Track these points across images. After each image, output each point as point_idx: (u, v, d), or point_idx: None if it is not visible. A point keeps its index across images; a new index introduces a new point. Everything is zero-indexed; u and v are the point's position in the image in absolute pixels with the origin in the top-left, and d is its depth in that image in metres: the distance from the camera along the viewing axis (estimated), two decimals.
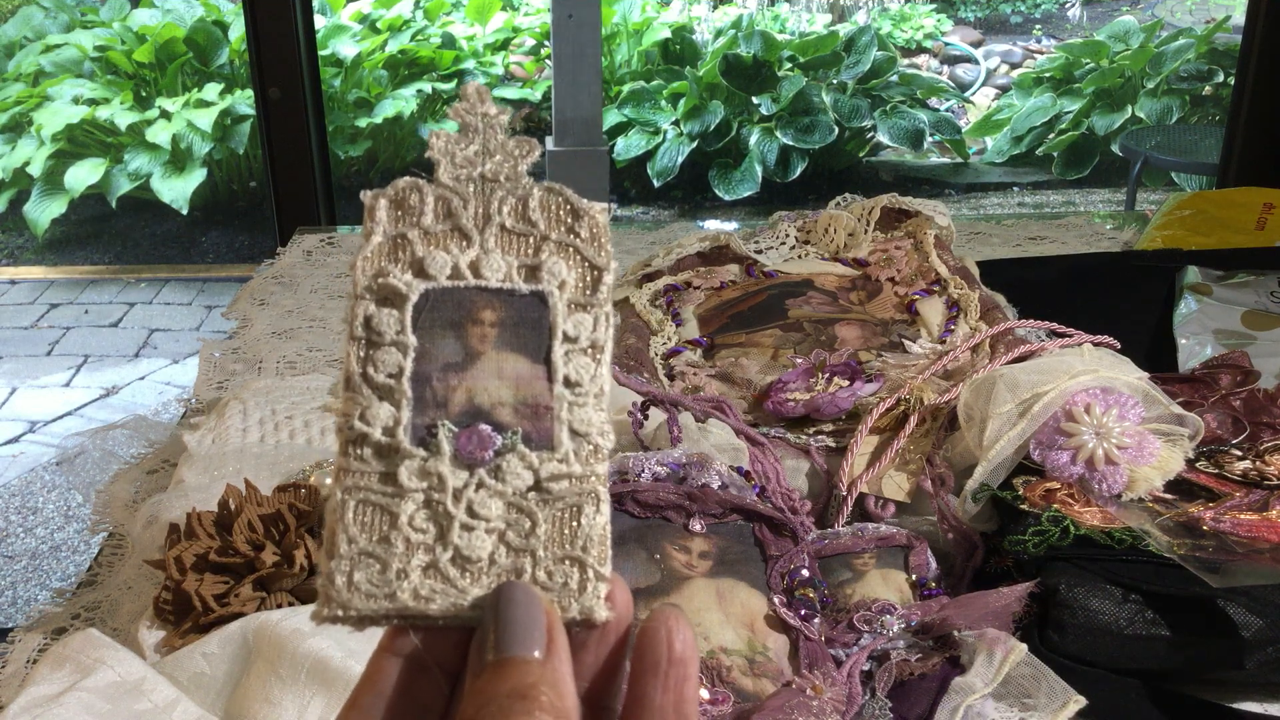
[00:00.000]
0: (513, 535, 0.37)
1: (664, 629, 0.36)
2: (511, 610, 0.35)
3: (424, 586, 0.37)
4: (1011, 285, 1.28)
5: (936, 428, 0.97)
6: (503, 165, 0.39)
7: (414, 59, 5.07)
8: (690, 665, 0.36)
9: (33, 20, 5.04)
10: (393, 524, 0.37)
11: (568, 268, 0.39)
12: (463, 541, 0.37)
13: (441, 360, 0.38)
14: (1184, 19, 6.19)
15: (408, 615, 0.37)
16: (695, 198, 5.02)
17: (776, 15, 5.99)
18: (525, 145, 0.40)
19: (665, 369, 1.13)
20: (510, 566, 0.37)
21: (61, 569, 2.75)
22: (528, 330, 0.38)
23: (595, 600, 0.37)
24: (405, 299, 0.38)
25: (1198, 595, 0.78)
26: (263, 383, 1.18)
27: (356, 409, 0.38)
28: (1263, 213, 1.51)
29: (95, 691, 0.73)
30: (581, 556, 0.37)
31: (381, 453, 0.38)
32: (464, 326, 0.38)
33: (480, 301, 0.38)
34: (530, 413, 0.38)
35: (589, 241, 0.39)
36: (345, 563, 0.37)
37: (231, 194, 4.93)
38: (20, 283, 4.44)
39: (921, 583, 0.86)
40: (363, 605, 0.37)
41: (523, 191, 0.39)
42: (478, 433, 0.38)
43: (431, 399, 0.38)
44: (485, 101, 0.40)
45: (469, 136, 0.39)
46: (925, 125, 4.94)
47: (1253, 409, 0.98)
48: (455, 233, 0.39)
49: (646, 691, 0.36)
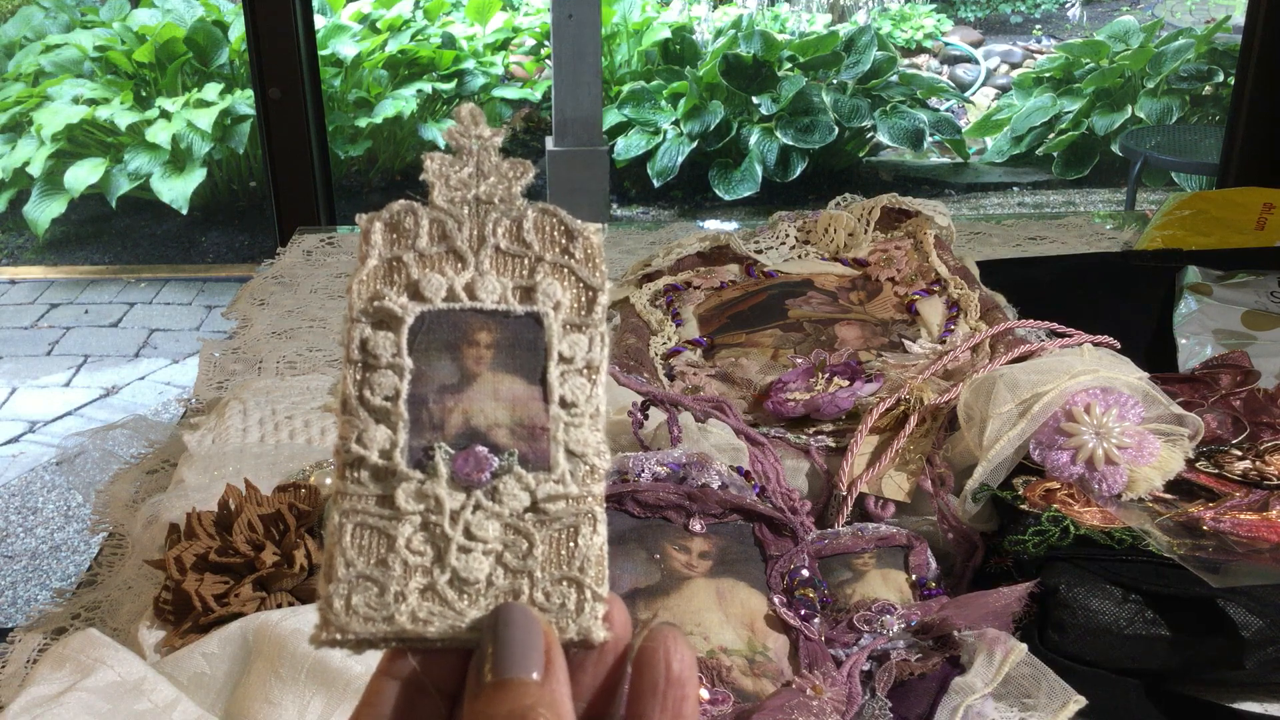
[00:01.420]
0: (510, 556, 0.38)
1: (662, 649, 0.36)
2: (509, 632, 0.35)
3: (422, 609, 0.37)
4: (1011, 285, 1.28)
5: (936, 428, 0.97)
6: (497, 187, 0.40)
7: (414, 59, 5.07)
8: (689, 685, 0.36)
9: (33, 20, 5.03)
10: (390, 547, 0.37)
11: (562, 289, 0.39)
12: (460, 563, 0.37)
13: (438, 382, 0.38)
14: (1184, 19, 6.19)
15: (406, 638, 0.37)
16: (695, 198, 5.02)
17: (776, 15, 5.99)
18: (519, 167, 0.40)
19: (665, 369, 1.13)
20: (508, 588, 0.37)
21: (61, 569, 2.75)
22: (523, 351, 0.39)
23: (593, 621, 0.37)
24: (401, 322, 0.38)
25: (1198, 595, 0.78)
26: (263, 383, 1.18)
27: (353, 432, 0.38)
28: (1263, 213, 1.51)
29: (95, 691, 0.73)
30: (579, 577, 0.37)
31: (379, 475, 0.38)
32: (460, 348, 0.38)
33: (476, 323, 0.39)
34: (526, 434, 0.38)
35: (583, 262, 0.39)
36: (343, 586, 0.37)
37: (231, 194, 4.93)
38: (20, 283, 4.44)
39: (921, 583, 0.86)
40: (361, 629, 0.37)
41: (517, 213, 0.39)
42: (474, 454, 0.38)
43: (428, 421, 0.38)
44: (479, 124, 0.40)
45: (463, 159, 0.40)
46: (925, 125, 4.94)
47: (1253, 409, 0.98)
48: (450, 255, 0.39)
49: (645, 712, 0.36)
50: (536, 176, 0.40)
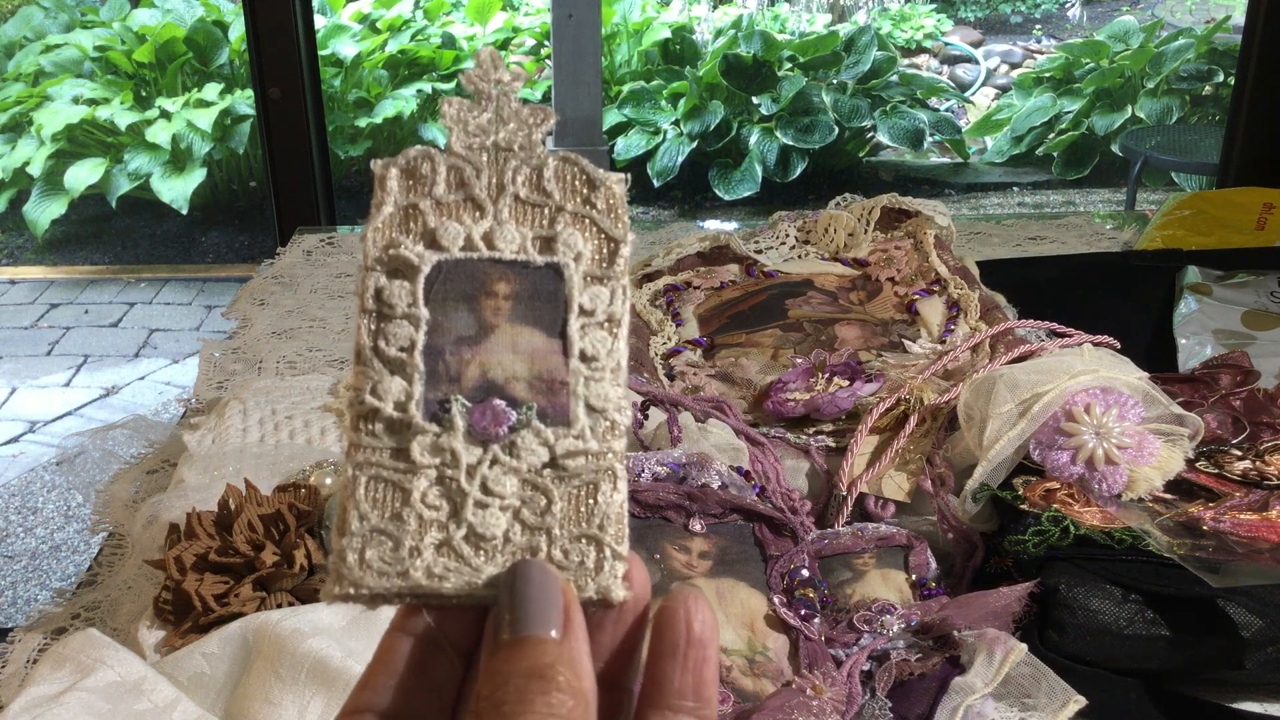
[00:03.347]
0: (528, 513, 0.37)
1: (683, 609, 0.35)
2: (527, 589, 0.34)
3: (437, 564, 0.36)
4: (1011, 285, 1.28)
5: (936, 428, 0.97)
6: (516, 134, 0.38)
7: (414, 59, 5.07)
8: (710, 646, 0.35)
9: (33, 20, 5.04)
10: (405, 501, 0.36)
11: (584, 239, 0.38)
12: (477, 519, 0.36)
13: (454, 334, 0.37)
14: (1184, 19, 6.19)
15: (420, 594, 0.36)
16: (695, 198, 5.02)
17: (776, 15, 5.99)
18: (540, 113, 0.38)
19: (665, 369, 1.13)
20: (525, 545, 0.36)
21: (61, 569, 2.75)
22: (543, 303, 0.37)
23: (612, 579, 0.36)
24: (417, 271, 0.37)
25: (1198, 595, 0.78)
26: (263, 383, 1.18)
27: (368, 383, 0.37)
28: (1263, 213, 1.51)
29: (95, 691, 0.73)
30: (598, 535, 0.36)
31: (393, 428, 0.37)
32: (477, 299, 0.37)
33: (494, 274, 0.37)
34: (545, 388, 0.37)
35: (605, 213, 0.38)
36: (357, 540, 0.36)
37: (231, 194, 4.93)
38: (20, 283, 4.44)
39: (921, 583, 0.86)
40: (375, 583, 0.36)
41: (537, 161, 0.38)
42: (492, 408, 0.37)
43: (444, 373, 0.37)
44: (499, 67, 0.38)
45: (481, 104, 0.38)
46: (925, 125, 4.94)
47: (1253, 409, 0.98)
48: (468, 203, 0.38)
49: (665, 673, 0.35)
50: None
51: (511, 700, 0.32)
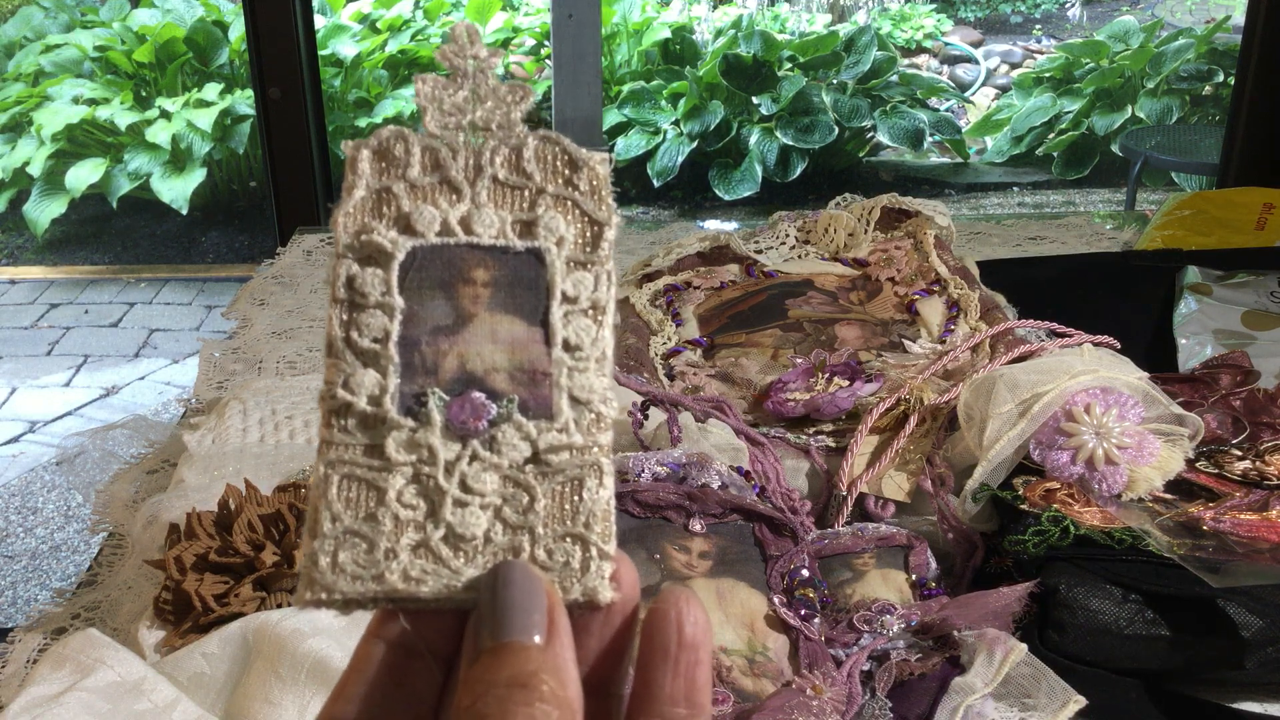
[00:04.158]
0: (509, 511, 0.35)
1: (674, 610, 0.34)
2: (509, 592, 0.33)
3: (414, 567, 0.34)
4: (1011, 285, 1.28)
5: (936, 428, 0.97)
6: (494, 112, 0.36)
7: (414, 59, 5.07)
8: (702, 649, 0.33)
9: (33, 20, 5.04)
10: (380, 500, 0.34)
11: (566, 223, 0.36)
12: (455, 518, 0.34)
13: (431, 323, 0.35)
14: (1184, 19, 6.19)
15: (397, 598, 0.34)
16: (695, 198, 5.02)
17: (776, 15, 5.99)
18: (519, 90, 0.36)
19: (665, 369, 1.13)
20: (507, 545, 0.35)
21: (61, 569, 2.75)
22: (523, 290, 0.35)
23: (599, 580, 0.34)
24: (391, 257, 0.35)
25: (1198, 595, 0.78)
26: (263, 383, 1.18)
27: (340, 376, 0.35)
28: (1263, 213, 1.51)
29: (95, 691, 0.73)
30: (584, 533, 0.35)
31: (367, 423, 0.35)
32: (455, 287, 0.35)
33: (472, 260, 0.35)
34: (527, 379, 0.35)
35: (588, 194, 0.36)
36: (329, 542, 0.34)
37: (231, 194, 4.93)
38: (20, 283, 4.44)
39: (921, 583, 0.86)
40: (348, 588, 0.34)
41: (516, 141, 0.36)
42: (470, 401, 0.35)
43: (420, 365, 0.35)
44: (476, 43, 0.36)
45: (457, 81, 0.36)
46: (925, 125, 4.94)
47: (1253, 409, 0.98)
48: (444, 185, 0.36)
49: (655, 678, 0.33)
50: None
51: (493, 711, 0.30)
